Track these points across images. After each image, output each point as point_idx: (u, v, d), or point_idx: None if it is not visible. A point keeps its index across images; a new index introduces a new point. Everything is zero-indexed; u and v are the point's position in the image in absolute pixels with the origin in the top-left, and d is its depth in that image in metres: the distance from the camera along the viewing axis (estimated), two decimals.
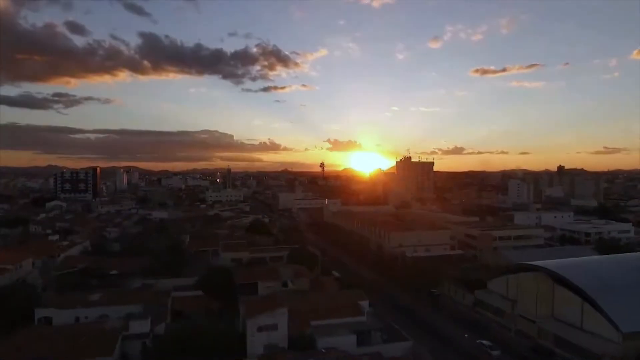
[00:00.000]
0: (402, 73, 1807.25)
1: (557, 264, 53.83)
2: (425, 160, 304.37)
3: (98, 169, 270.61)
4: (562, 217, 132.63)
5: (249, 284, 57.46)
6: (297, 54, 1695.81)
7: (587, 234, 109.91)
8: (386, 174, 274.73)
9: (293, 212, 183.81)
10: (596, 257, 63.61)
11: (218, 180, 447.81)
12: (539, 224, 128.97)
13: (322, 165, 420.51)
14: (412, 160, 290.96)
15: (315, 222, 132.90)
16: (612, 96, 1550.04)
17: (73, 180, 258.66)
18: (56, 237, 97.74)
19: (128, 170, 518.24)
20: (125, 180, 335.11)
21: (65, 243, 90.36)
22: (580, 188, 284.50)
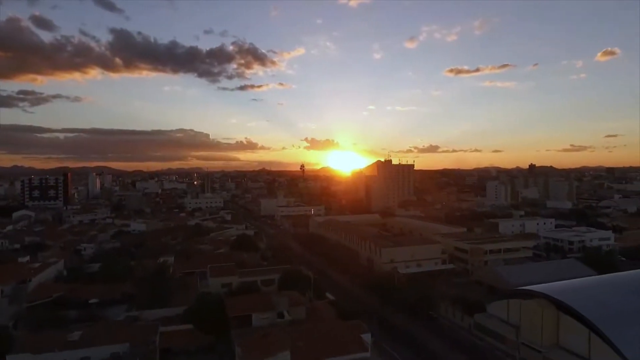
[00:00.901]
0: (379, 72, 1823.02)
1: (558, 289, 53.18)
2: (405, 162, 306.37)
3: (69, 174, 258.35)
4: (544, 223, 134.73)
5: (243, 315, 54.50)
6: (274, 52, 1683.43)
7: (571, 242, 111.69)
8: (367, 176, 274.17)
9: (276, 219, 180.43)
10: (593, 278, 63.69)
11: (195, 182, 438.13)
12: (522, 232, 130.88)
13: (302, 167, 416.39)
14: (393, 161, 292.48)
15: (301, 233, 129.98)
16: (578, 96, 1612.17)
17: (42, 187, 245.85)
18: (27, 258, 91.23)
19: (100, 172, 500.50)
20: (98, 185, 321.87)
21: (36, 265, 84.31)
22: (554, 189, 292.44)
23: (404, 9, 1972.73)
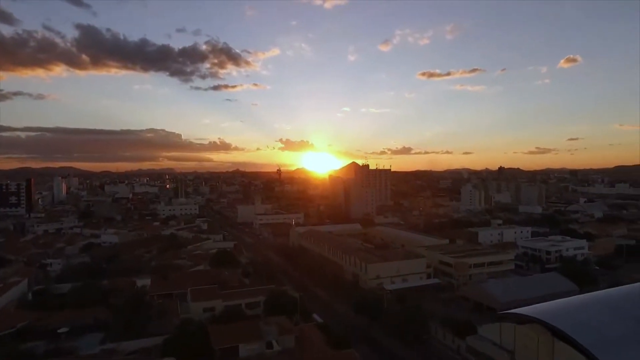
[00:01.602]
0: (353, 74, 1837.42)
1: (551, 312, 52.83)
2: (382, 166, 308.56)
3: (32, 180, 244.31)
4: (521, 232, 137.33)
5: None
6: (249, 52, 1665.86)
7: (548, 252, 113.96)
8: (345, 180, 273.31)
9: (254, 227, 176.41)
10: (582, 298, 63.98)
11: (167, 186, 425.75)
12: (501, 241, 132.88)
13: (279, 171, 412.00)
14: (368, 164, 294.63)
15: (282, 245, 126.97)
16: (543, 101, 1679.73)
17: (2, 192, 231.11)
18: None
19: (67, 175, 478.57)
20: (64, 189, 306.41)
21: None
22: (525, 193, 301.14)
23: (378, 12, 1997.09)
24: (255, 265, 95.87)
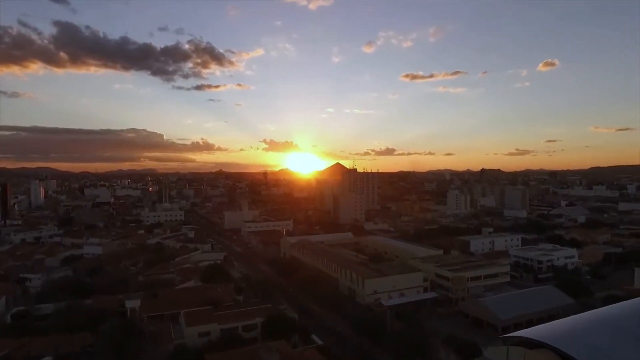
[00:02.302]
0: (337, 75, 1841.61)
1: (558, 335, 51.95)
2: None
3: (7, 184, 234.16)
4: (512, 240, 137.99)
5: None
6: (232, 52, 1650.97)
7: (540, 262, 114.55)
8: (333, 185, 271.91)
9: (242, 234, 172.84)
10: (586, 317, 63.45)
11: (150, 189, 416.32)
12: (492, 249, 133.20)
13: (265, 174, 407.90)
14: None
15: (273, 255, 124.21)
16: (522, 103, 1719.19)
17: None
18: None
19: (44, 177, 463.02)
20: (42, 193, 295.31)
21: None
22: (509, 197, 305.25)
23: (362, 14, 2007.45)
24: (248, 280, 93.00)
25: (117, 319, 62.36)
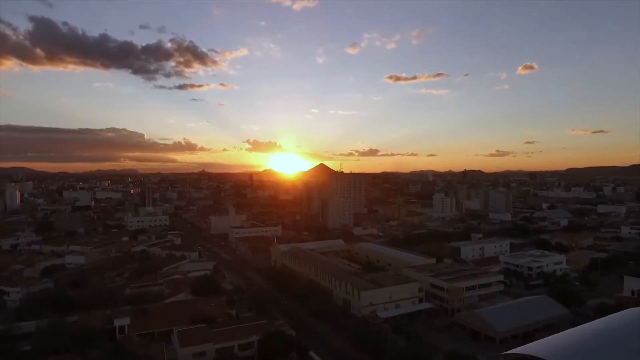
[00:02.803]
0: (322, 76, 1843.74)
1: (560, 351, 51.75)
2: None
3: None
4: (501, 246, 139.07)
5: None
6: (216, 52, 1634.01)
7: (530, 269, 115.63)
8: (319, 188, 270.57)
9: (230, 240, 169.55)
10: (584, 332, 63.62)
11: (132, 191, 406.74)
12: (482, 255, 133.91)
13: (250, 176, 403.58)
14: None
15: (263, 264, 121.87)
16: (502, 105, 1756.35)
17: None
18: None
19: (20, 178, 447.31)
20: (18, 197, 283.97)
21: None
22: (493, 200, 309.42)
23: (346, 15, 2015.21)
24: (240, 292, 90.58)
25: (106, 340, 59.30)
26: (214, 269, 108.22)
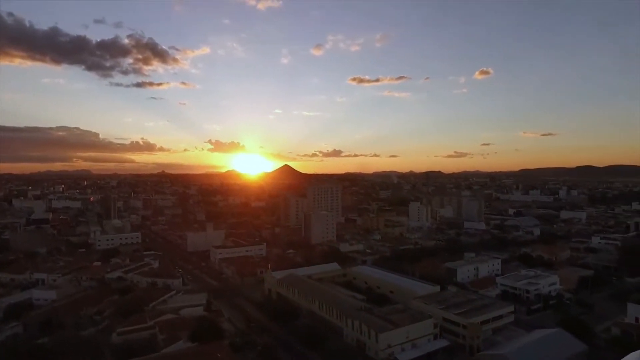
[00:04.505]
0: (286, 77, 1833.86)
1: None
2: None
3: None
4: (493, 265, 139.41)
5: None
6: (177, 49, 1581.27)
7: (528, 291, 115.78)
8: (296, 197, 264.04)
9: (212, 261, 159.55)
10: None
11: (91, 198, 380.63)
12: (477, 275, 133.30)
13: (221, 183, 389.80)
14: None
15: (260, 296, 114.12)
16: (460, 108, 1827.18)
17: None
18: None
19: None
20: None
21: None
22: (466, 208, 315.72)
23: (311, 16, 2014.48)
24: (244, 335, 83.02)
25: None
26: (207, 304, 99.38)
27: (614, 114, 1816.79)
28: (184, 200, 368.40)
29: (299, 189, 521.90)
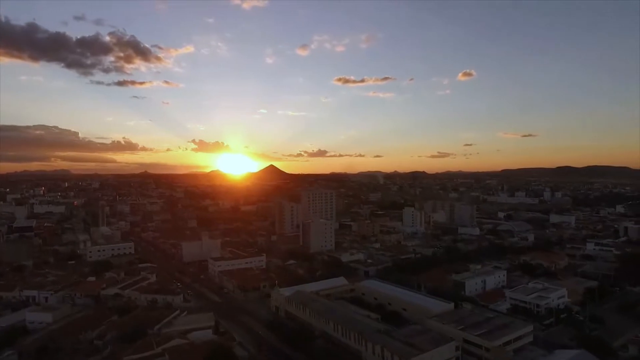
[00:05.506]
0: (271, 77, 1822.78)
1: None
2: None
3: None
4: (499, 276, 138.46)
5: None
6: (160, 48, 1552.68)
7: (538, 305, 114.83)
8: (291, 203, 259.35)
9: (210, 273, 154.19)
10: None
11: (75, 202, 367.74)
12: (484, 288, 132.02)
13: (212, 187, 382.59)
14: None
15: (270, 316, 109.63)
16: (444, 109, 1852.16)
17: None
18: None
19: None
20: None
21: None
22: (458, 213, 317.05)
23: (297, 16, 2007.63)
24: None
25: None
26: (215, 325, 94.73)
27: (592, 115, 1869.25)
28: (173, 205, 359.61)
29: (287, 190, 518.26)
